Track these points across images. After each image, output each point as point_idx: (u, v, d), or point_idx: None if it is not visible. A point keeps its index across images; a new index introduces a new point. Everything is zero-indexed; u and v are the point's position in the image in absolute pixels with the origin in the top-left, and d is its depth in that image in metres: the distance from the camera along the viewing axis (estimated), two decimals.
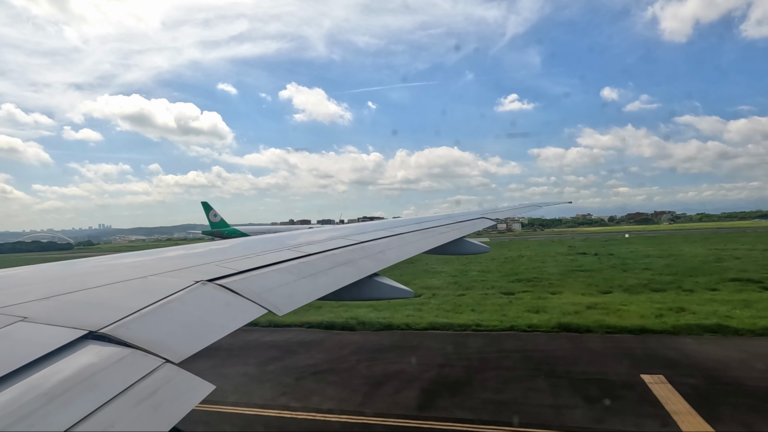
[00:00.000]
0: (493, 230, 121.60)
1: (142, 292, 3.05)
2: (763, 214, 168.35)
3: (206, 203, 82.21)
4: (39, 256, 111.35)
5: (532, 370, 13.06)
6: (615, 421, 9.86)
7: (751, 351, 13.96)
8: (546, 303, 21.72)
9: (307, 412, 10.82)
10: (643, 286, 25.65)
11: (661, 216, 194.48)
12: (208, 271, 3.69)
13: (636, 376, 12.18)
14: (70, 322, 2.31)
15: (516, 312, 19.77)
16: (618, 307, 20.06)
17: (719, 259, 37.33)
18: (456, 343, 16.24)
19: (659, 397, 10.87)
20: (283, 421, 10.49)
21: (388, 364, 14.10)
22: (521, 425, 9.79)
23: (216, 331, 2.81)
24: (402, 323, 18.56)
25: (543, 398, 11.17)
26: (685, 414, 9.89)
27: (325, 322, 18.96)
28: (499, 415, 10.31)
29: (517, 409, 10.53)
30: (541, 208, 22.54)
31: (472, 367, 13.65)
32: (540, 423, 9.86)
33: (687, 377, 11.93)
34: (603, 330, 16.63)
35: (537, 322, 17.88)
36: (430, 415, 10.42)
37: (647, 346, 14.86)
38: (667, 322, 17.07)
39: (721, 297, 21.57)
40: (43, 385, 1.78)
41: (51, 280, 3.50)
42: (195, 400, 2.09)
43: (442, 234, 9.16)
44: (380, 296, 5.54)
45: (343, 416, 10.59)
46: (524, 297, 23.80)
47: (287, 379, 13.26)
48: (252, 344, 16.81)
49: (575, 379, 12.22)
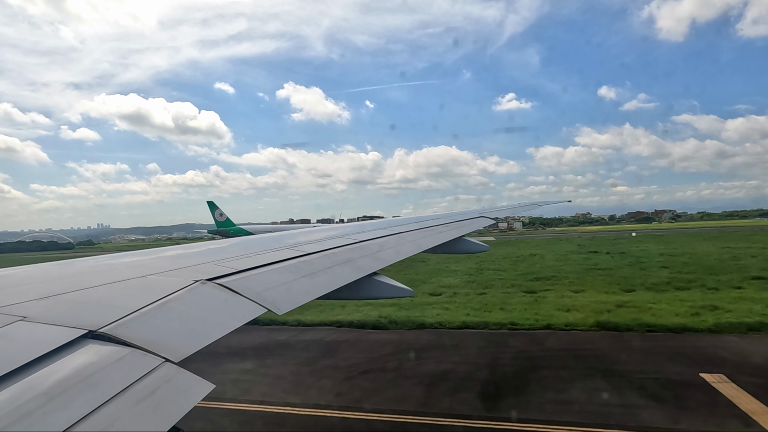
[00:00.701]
0: (495, 229, 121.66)
1: (141, 291, 3.05)
2: (764, 212, 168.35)
3: (212, 203, 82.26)
4: (40, 255, 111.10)
5: (587, 369, 12.79)
6: (695, 422, 9.55)
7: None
8: (573, 301, 21.41)
9: (375, 413, 10.56)
10: (665, 284, 25.27)
11: (662, 214, 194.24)
12: (208, 270, 3.70)
13: (696, 376, 11.91)
14: (70, 322, 2.31)
15: (546, 310, 19.54)
16: (648, 305, 19.79)
17: (735, 257, 36.90)
18: (496, 342, 16.00)
19: (729, 396, 10.55)
20: (348, 422, 10.22)
21: (435, 363, 13.87)
22: (599, 426, 9.47)
23: (215, 330, 2.81)
24: (434, 322, 18.33)
25: (609, 398, 10.87)
26: (763, 414, 9.60)
27: (356, 321, 18.72)
28: (570, 415, 10.02)
29: (587, 409, 10.27)
30: (541, 207, 22.57)
31: (522, 366, 13.37)
32: (617, 423, 9.54)
33: (749, 376, 11.62)
34: (643, 329, 16.40)
35: (573, 320, 17.64)
36: (499, 415, 10.16)
37: (695, 345, 14.61)
38: (706, 321, 16.79)
39: (749, 295, 21.25)
40: (43, 385, 1.78)
41: (50, 279, 3.50)
42: (195, 399, 2.09)
43: (441, 233, 9.17)
44: (380, 295, 5.54)
45: (413, 417, 10.29)
46: (548, 295, 23.48)
47: (337, 378, 12.97)
48: (288, 343, 16.62)
49: (634, 378, 11.93)
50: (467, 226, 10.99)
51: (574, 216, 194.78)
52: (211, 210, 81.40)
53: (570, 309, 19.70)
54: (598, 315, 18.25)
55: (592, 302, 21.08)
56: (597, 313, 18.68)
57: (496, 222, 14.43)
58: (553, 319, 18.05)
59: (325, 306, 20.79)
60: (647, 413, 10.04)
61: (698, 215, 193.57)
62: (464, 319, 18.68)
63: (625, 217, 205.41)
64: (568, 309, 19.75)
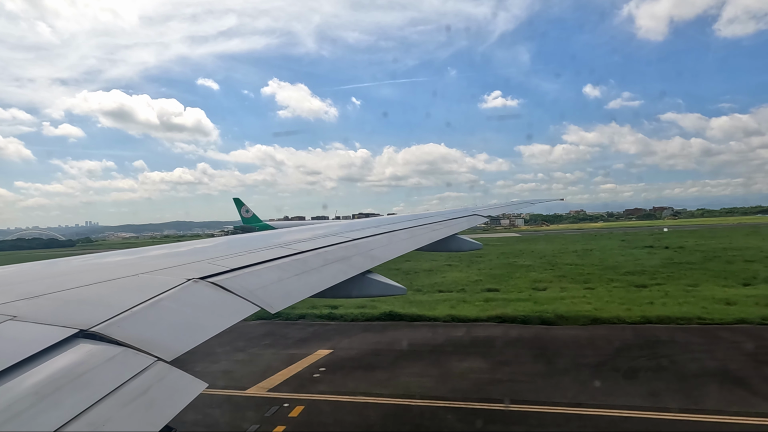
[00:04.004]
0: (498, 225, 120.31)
1: (133, 290, 3.03)
2: (763, 209, 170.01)
3: (238, 199, 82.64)
4: (42, 253, 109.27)
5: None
6: None
7: None
8: (710, 294, 20.49)
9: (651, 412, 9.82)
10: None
11: (662, 211, 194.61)
12: (201, 268, 3.68)
13: None
14: (61, 321, 2.30)
15: (705, 304, 18.55)
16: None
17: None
18: (712, 336, 14.90)
19: None
20: (617, 421, 9.58)
21: (689, 360, 12.75)
22: None
23: (208, 329, 2.81)
24: (611, 316, 17.30)
25: None
26: None
27: (520, 317, 17.80)
28: None
29: None
30: (534, 205, 22.72)
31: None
32: None
33: None
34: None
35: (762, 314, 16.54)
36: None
37: None
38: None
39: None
40: (33, 385, 1.77)
41: (41, 278, 3.47)
42: (187, 398, 2.09)
43: (435, 231, 9.20)
44: (373, 293, 5.56)
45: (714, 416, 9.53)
46: (667, 289, 22.21)
47: (582, 375, 12.04)
48: (488, 340, 15.74)
49: None
50: (461, 224, 11.04)
51: (567, 213, 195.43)
52: (237, 207, 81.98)
53: (729, 302, 18.60)
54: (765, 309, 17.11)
55: (735, 295, 19.91)
56: (761, 306, 17.57)
57: (498, 219, 14.45)
58: (743, 314, 16.75)
59: (454, 301, 20.82)
60: None
61: (698, 212, 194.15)
62: (640, 313, 17.47)
63: (623, 214, 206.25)
64: (727, 302, 18.65)
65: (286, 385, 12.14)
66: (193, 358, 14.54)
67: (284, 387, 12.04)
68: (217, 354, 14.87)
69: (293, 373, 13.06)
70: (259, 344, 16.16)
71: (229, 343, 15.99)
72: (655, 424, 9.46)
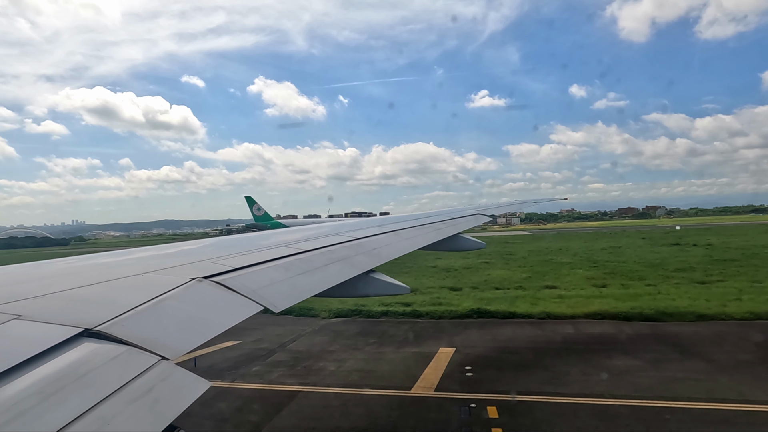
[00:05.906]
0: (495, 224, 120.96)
1: (137, 289, 3.04)
2: (755, 208, 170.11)
3: (249, 197, 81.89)
4: (38, 252, 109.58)
5: None
6: None
7: None
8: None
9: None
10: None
11: (656, 210, 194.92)
12: (204, 268, 3.69)
13: None
14: (65, 320, 2.31)
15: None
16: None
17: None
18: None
19: None
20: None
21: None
22: None
23: (212, 328, 2.81)
24: (716, 312, 16.97)
25: None
26: None
27: (621, 314, 17.38)
28: None
29: None
30: (537, 204, 22.67)
31: None
32: None
33: None
34: None
35: None
36: None
37: None
38: None
39: None
40: (38, 384, 1.77)
41: (45, 277, 3.48)
42: (191, 397, 2.09)
43: (438, 231, 9.18)
44: (377, 292, 5.55)
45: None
46: (734, 285, 21.87)
47: (758, 370, 11.59)
48: (613, 338, 15.22)
49: None
50: (465, 223, 11.02)
51: (559, 212, 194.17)
52: (249, 205, 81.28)
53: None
54: None
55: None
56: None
57: (494, 218, 14.41)
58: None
59: (527, 297, 20.66)
60: None
61: (692, 211, 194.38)
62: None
63: (616, 213, 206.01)
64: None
65: (448, 385, 11.40)
66: (314, 353, 14.48)
67: (449, 387, 11.27)
68: (335, 351, 14.61)
69: (441, 372, 12.30)
70: (367, 342, 15.57)
71: (334, 341, 15.79)
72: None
